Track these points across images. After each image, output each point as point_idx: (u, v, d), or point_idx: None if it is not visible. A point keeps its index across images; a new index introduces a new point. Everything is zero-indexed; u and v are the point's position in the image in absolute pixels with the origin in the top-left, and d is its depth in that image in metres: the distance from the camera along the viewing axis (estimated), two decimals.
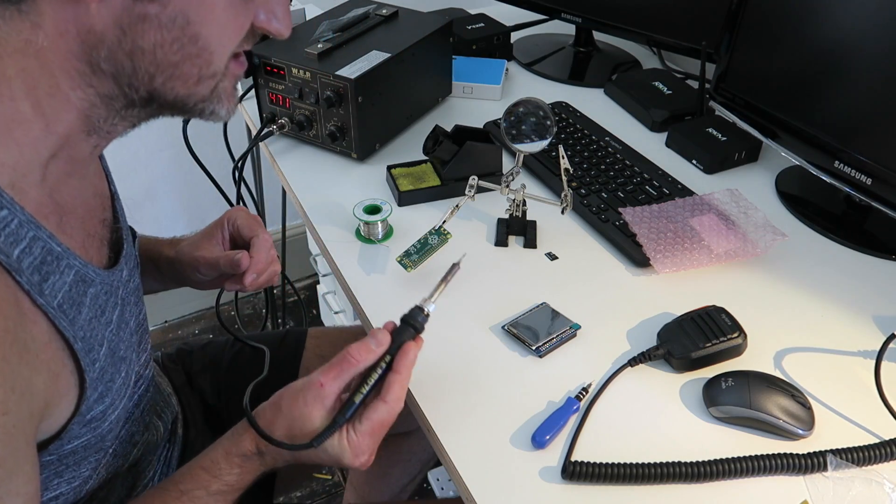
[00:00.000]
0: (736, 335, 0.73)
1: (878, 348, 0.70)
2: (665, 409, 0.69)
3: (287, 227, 1.53)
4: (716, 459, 0.62)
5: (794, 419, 0.66)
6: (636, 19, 1.22)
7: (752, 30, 1.01)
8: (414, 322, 0.63)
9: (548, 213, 0.93)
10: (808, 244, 0.92)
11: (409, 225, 0.92)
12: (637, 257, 0.86)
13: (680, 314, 0.76)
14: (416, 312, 0.63)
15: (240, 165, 1.06)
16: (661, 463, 0.62)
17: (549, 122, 0.82)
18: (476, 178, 0.85)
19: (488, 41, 1.31)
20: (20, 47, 0.47)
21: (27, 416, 0.47)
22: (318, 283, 1.83)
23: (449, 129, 0.98)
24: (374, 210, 0.89)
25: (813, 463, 0.63)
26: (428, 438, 0.68)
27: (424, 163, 1.01)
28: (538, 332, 0.76)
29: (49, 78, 0.49)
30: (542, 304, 0.80)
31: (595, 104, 1.21)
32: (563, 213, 0.88)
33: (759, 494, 0.62)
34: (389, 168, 1.00)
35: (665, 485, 0.62)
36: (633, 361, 0.73)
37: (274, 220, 1.64)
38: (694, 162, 1.07)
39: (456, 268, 0.66)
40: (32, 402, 0.48)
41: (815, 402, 0.70)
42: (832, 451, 0.63)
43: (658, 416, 0.69)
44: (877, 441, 0.66)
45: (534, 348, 0.74)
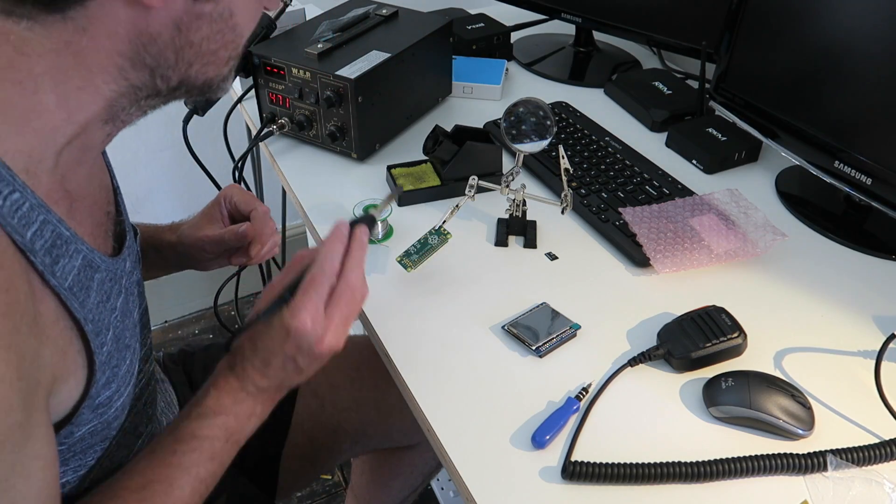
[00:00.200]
0: (736, 335, 0.73)
1: (878, 348, 0.70)
2: (665, 409, 0.69)
3: (287, 227, 1.53)
4: (716, 459, 0.62)
5: (794, 419, 0.66)
6: (636, 19, 1.22)
7: (752, 30, 1.01)
8: (363, 219, 0.66)
9: (548, 213, 0.93)
10: (808, 244, 0.92)
11: (409, 225, 0.92)
12: (637, 257, 0.86)
13: (680, 314, 0.76)
14: (365, 216, 0.67)
15: (240, 165, 1.06)
16: (661, 463, 0.62)
17: (549, 122, 0.82)
18: (476, 178, 0.85)
19: (488, 41, 1.31)
20: (56, 48, 0.47)
21: (37, 384, 0.48)
22: None
23: (449, 129, 0.98)
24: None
25: (813, 463, 0.63)
26: (428, 438, 0.68)
27: (424, 163, 1.01)
28: (538, 332, 0.76)
29: (84, 73, 0.49)
30: (542, 304, 0.80)
31: (595, 104, 1.21)
32: (563, 213, 0.88)
33: (759, 494, 0.62)
34: (389, 168, 1.00)
35: (665, 485, 0.62)
36: (633, 361, 0.73)
37: (274, 220, 1.64)
38: (694, 162, 1.07)
39: (399, 189, 0.80)
40: (41, 372, 0.48)
41: (815, 402, 0.70)
42: (832, 451, 0.63)
43: (658, 416, 0.69)
44: (877, 441, 0.66)
45: (534, 348, 0.74)
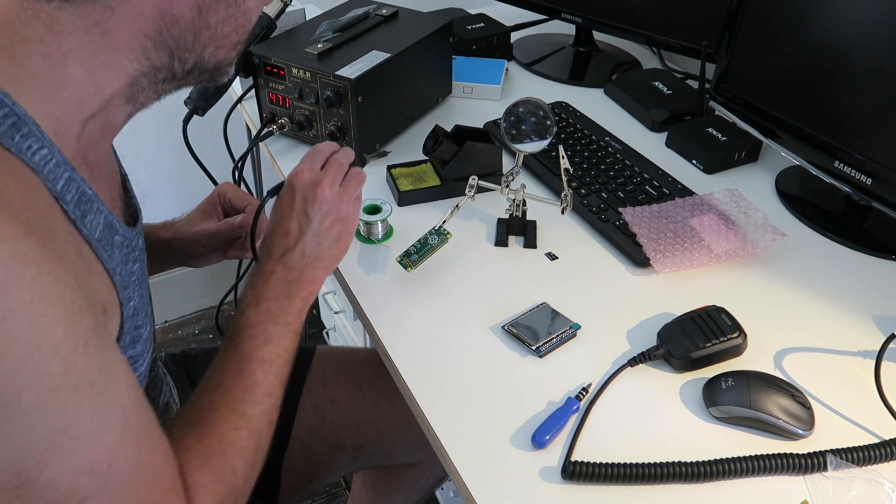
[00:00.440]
0: (736, 335, 0.73)
1: (878, 348, 0.70)
2: (665, 409, 0.69)
3: None
4: (716, 459, 0.62)
5: (794, 419, 0.66)
6: (636, 19, 1.22)
7: (752, 30, 1.01)
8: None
9: (548, 213, 0.93)
10: (808, 244, 0.92)
11: (409, 225, 0.92)
12: (637, 257, 0.86)
13: (680, 314, 0.76)
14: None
15: (240, 165, 1.06)
16: (661, 463, 0.62)
17: (549, 122, 0.82)
18: (476, 178, 0.85)
19: (488, 41, 1.31)
20: (85, 26, 0.49)
21: (94, 302, 0.49)
22: None
23: (449, 129, 0.98)
24: (374, 210, 0.89)
25: (813, 463, 0.63)
26: (428, 438, 0.68)
27: (424, 163, 1.01)
28: (538, 332, 0.76)
29: (110, 51, 0.51)
30: (542, 304, 0.80)
31: (595, 104, 1.21)
32: (563, 213, 0.88)
33: (759, 494, 0.62)
34: (389, 168, 1.00)
35: (665, 485, 0.62)
36: (633, 361, 0.73)
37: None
38: (694, 162, 1.07)
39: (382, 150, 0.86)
40: (94, 293, 0.49)
41: (815, 402, 0.70)
42: (832, 451, 0.63)
43: (658, 416, 0.69)
44: (877, 441, 0.66)
45: (534, 348, 0.74)
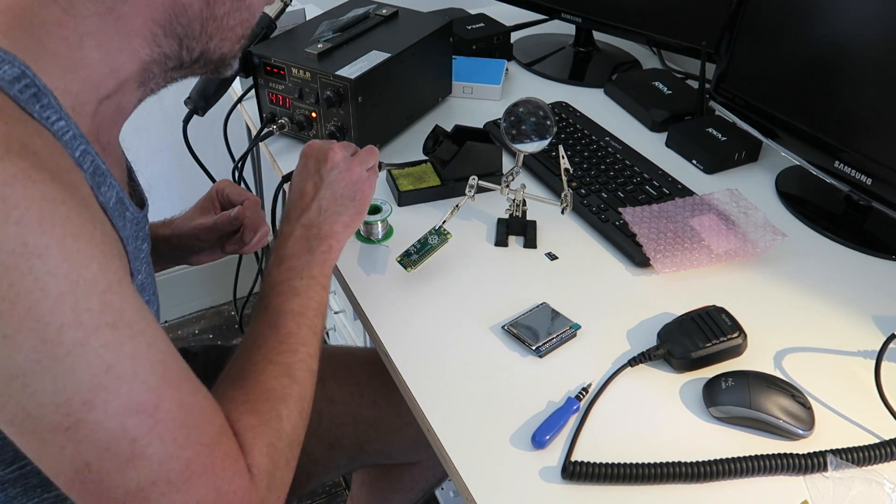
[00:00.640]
0: (736, 335, 0.73)
1: (878, 348, 0.70)
2: (665, 409, 0.69)
3: None
4: (716, 459, 0.62)
5: (794, 419, 0.66)
6: (636, 19, 1.22)
7: (752, 30, 1.01)
8: None
9: (548, 213, 0.93)
10: (808, 244, 0.92)
11: (409, 225, 0.92)
12: (637, 257, 0.86)
13: (680, 314, 0.76)
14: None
15: (240, 165, 1.06)
16: (661, 463, 0.62)
17: (549, 122, 0.82)
18: (476, 178, 0.85)
19: (488, 41, 1.31)
20: (99, 12, 0.50)
21: (115, 255, 0.49)
22: None
23: (449, 129, 0.98)
24: (374, 210, 0.89)
25: (813, 463, 0.63)
26: (428, 438, 0.68)
27: (424, 163, 1.01)
28: (538, 332, 0.76)
29: (123, 37, 0.52)
30: (542, 304, 0.80)
31: (595, 104, 1.21)
32: (563, 213, 0.88)
33: (759, 494, 0.62)
34: (389, 168, 1.00)
35: (665, 485, 0.62)
36: (633, 361, 0.73)
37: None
38: (694, 162, 1.07)
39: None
40: (115, 246, 0.50)
41: (815, 402, 0.70)
42: (832, 451, 0.63)
43: (658, 416, 0.69)
44: (877, 441, 0.66)
45: (534, 348, 0.74)
